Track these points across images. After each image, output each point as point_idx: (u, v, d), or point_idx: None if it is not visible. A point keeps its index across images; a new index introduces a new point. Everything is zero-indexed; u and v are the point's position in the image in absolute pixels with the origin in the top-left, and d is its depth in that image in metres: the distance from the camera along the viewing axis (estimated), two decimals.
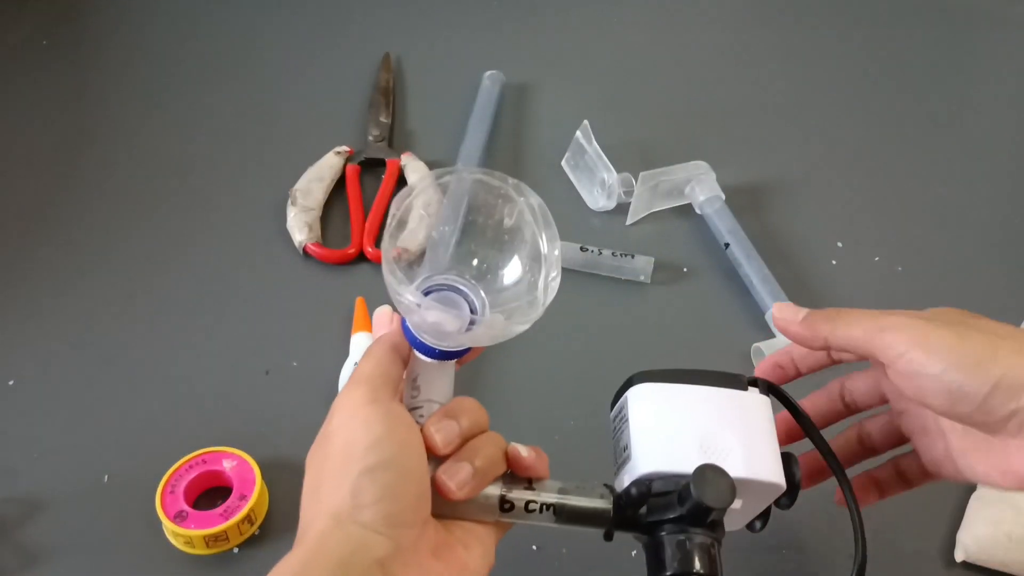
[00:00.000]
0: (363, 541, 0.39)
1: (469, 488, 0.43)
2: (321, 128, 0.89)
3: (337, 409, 0.43)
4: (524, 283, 0.45)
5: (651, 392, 0.46)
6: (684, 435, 0.44)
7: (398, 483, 0.40)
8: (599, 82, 0.98)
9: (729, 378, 0.47)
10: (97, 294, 0.75)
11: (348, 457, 0.40)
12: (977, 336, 0.42)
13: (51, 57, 0.96)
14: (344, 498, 0.39)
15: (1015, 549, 0.59)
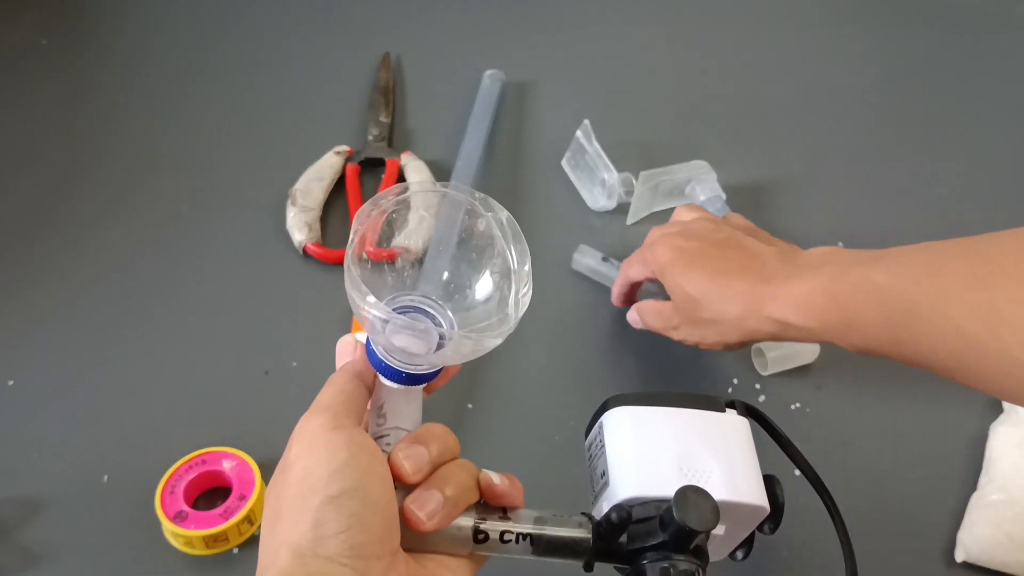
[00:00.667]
0: (331, 574, 0.36)
1: (439, 518, 0.41)
2: (321, 128, 0.89)
3: (296, 438, 0.41)
4: (494, 300, 0.44)
5: (627, 416, 0.45)
6: (663, 458, 0.43)
7: (364, 512, 0.37)
8: (599, 82, 0.98)
9: (705, 400, 0.46)
10: (97, 294, 0.75)
11: (309, 487, 0.38)
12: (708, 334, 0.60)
13: (51, 57, 0.96)
14: (305, 530, 0.37)
15: (1015, 549, 0.59)
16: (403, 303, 0.45)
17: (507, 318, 0.42)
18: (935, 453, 0.68)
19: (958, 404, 0.70)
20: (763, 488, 0.44)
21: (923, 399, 0.71)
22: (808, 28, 1.08)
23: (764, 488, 0.44)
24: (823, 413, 0.69)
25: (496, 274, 0.44)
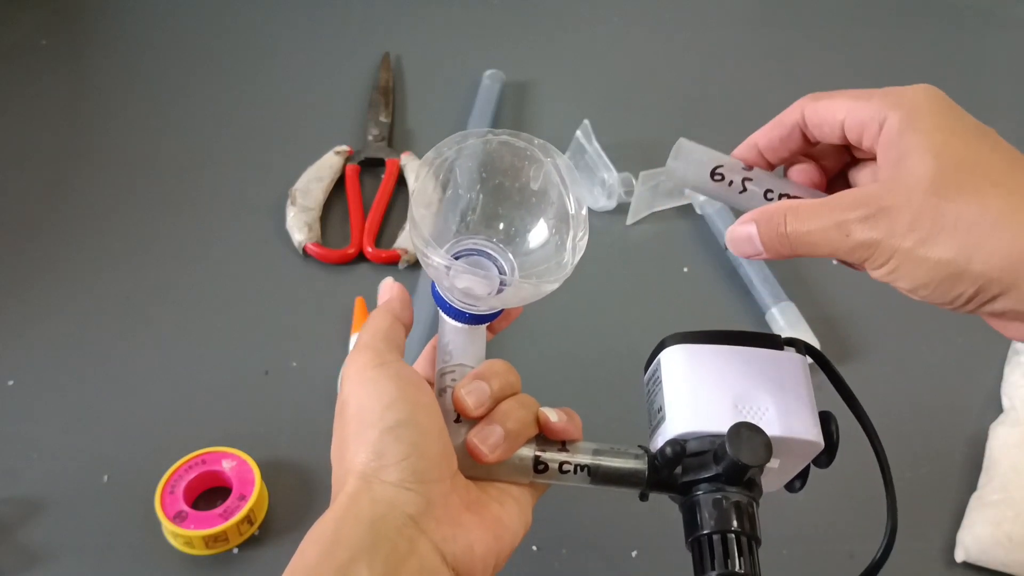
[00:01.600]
0: (393, 498, 0.39)
1: (501, 451, 0.43)
2: (321, 128, 0.89)
3: (346, 376, 0.43)
4: (552, 244, 0.45)
5: (684, 353, 0.45)
6: (718, 395, 0.44)
7: (420, 440, 0.40)
8: (599, 82, 0.98)
9: (764, 338, 0.46)
10: (97, 294, 0.75)
11: (365, 421, 0.40)
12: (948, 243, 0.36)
13: (50, 57, 0.96)
14: (369, 459, 0.39)
15: (1015, 549, 0.59)
16: (466, 246, 0.46)
17: (564, 263, 0.44)
18: (935, 453, 0.67)
19: (958, 404, 0.71)
20: (818, 425, 0.44)
21: (923, 399, 0.71)
22: (808, 28, 1.08)
23: (819, 425, 0.44)
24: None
25: (554, 219, 0.45)
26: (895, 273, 0.38)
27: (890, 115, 0.40)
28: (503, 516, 0.43)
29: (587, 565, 0.60)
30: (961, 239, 0.36)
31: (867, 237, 0.38)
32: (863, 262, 0.39)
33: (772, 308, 0.74)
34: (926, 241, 0.37)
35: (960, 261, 0.36)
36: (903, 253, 0.37)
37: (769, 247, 0.41)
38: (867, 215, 0.38)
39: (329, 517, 0.39)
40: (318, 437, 0.66)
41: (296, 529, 0.61)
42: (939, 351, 0.74)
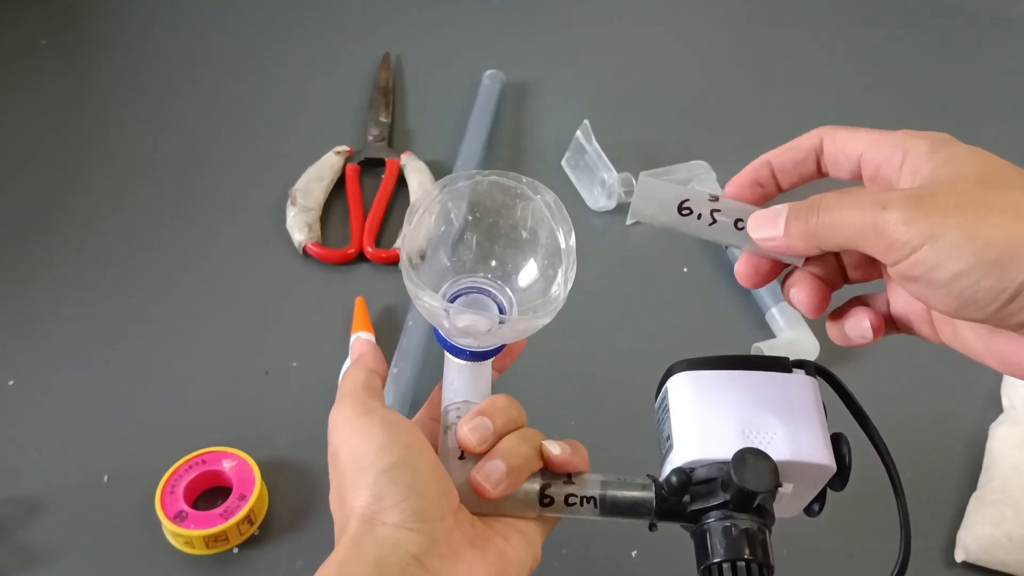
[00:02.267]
0: (396, 539, 0.39)
1: (504, 487, 0.43)
2: (321, 128, 0.89)
3: (333, 428, 0.44)
4: (545, 278, 0.46)
5: (690, 380, 0.45)
6: (725, 421, 0.43)
7: (415, 481, 0.40)
8: (599, 82, 0.98)
9: (772, 362, 0.45)
10: (97, 294, 0.75)
11: (359, 465, 0.41)
12: (1000, 224, 0.33)
13: (51, 57, 0.96)
14: (368, 500, 0.40)
15: (1015, 549, 0.59)
16: (465, 285, 0.47)
17: (556, 296, 0.45)
18: (935, 453, 0.67)
19: (958, 404, 0.71)
20: (829, 447, 0.44)
21: (923, 399, 0.71)
22: (807, 28, 1.08)
23: (830, 447, 0.44)
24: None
25: (545, 254, 0.46)
26: (934, 258, 0.34)
27: (916, 142, 0.38)
28: (507, 551, 0.43)
29: (587, 565, 0.60)
30: (1013, 223, 0.33)
31: (907, 213, 0.34)
32: (895, 246, 0.35)
33: (772, 308, 0.74)
34: (975, 221, 0.33)
35: (1015, 242, 0.33)
36: (948, 230, 0.33)
37: (791, 229, 0.39)
38: (909, 195, 0.35)
39: (334, 559, 0.39)
40: (318, 437, 0.66)
41: (296, 529, 0.61)
42: (939, 351, 0.73)
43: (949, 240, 0.33)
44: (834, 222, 0.37)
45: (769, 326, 0.74)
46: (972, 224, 0.33)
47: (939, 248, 0.34)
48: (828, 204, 0.38)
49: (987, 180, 0.35)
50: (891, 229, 0.35)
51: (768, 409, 0.44)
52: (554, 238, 0.46)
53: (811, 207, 0.38)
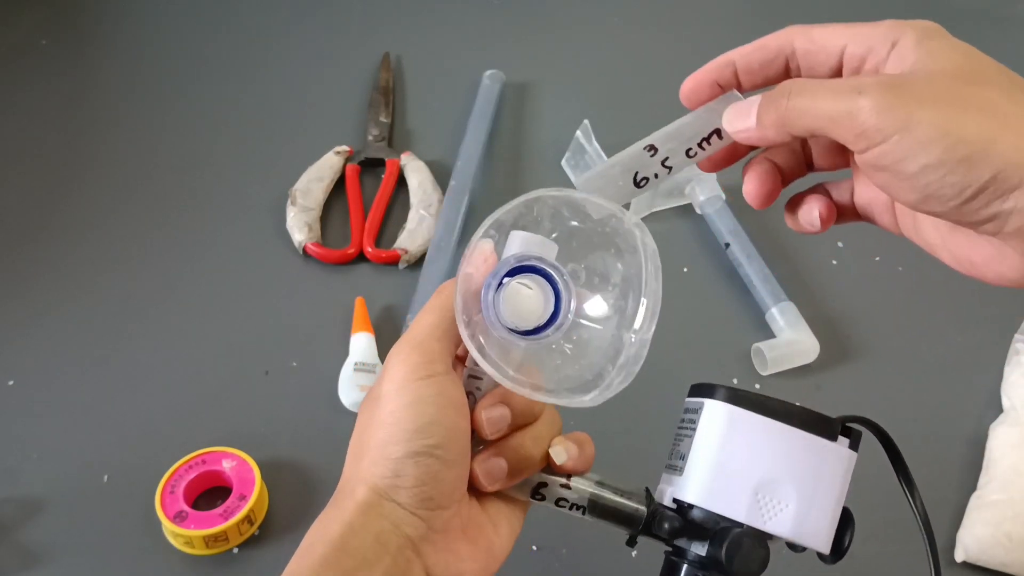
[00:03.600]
0: (399, 519, 0.39)
1: (500, 485, 0.43)
2: (321, 128, 0.89)
3: (390, 370, 0.42)
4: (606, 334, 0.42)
5: (727, 416, 0.42)
6: (743, 476, 0.42)
7: (441, 469, 0.40)
8: (599, 82, 0.98)
9: (820, 422, 0.42)
10: (97, 294, 0.75)
11: (393, 435, 0.40)
12: (974, 121, 0.33)
13: (51, 57, 0.96)
14: (384, 474, 0.40)
15: (1015, 549, 0.59)
16: (531, 261, 0.42)
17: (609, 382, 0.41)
18: (935, 453, 0.67)
19: (958, 404, 0.71)
20: (834, 528, 0.43)
21: (923, 399, 0.71)
22: None
23: (835, 527, 0.43)
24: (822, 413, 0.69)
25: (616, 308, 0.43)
26: (904, 149, 0.33)
27: (905, 31, 0.37)
28: (495, 543, 0.43)
29: (587, 565, 0.60)
30: (986, 120, 0.33)
31: (881, 100, 0.34)
32: (866, 133, 0.34)
33: (772, 308, 0.74)
34: (949, 115, 0.33)
35: (984, 140, 0.33)
36: (921, 121, 0.33)
37: (763, 118, 0.38)
38: (884, 82, 0.34)
39: (336, 518, 0.39)
40: (318, 437, 0.66)
41: (296, 529, 0.61)
42: (939, 351, 0.74)
43: (921, 132, 0.33)
44: (806, 107, 0.36)
45: (769, 326, 0.74)
46: (946, 118, 0.33)
47: (910, 139, 0.33)
48: (800, 89, 0.37)
49: (969, 75, 0.35)
50: (864, 115, 0.34)
51: (790, 477, 0.42)
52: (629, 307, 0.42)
53: (782, 93, 0.37)
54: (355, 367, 0.68)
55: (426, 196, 0.81)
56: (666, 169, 0.42)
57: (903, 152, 0.33)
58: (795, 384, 0.71)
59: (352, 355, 0.69)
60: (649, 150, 0.42)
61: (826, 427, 0.43)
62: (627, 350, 0.42)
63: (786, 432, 0.42)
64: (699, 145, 0.42)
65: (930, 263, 0.87)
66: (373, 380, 0.67)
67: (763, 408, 0.42)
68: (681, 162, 0.42)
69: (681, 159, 0.42)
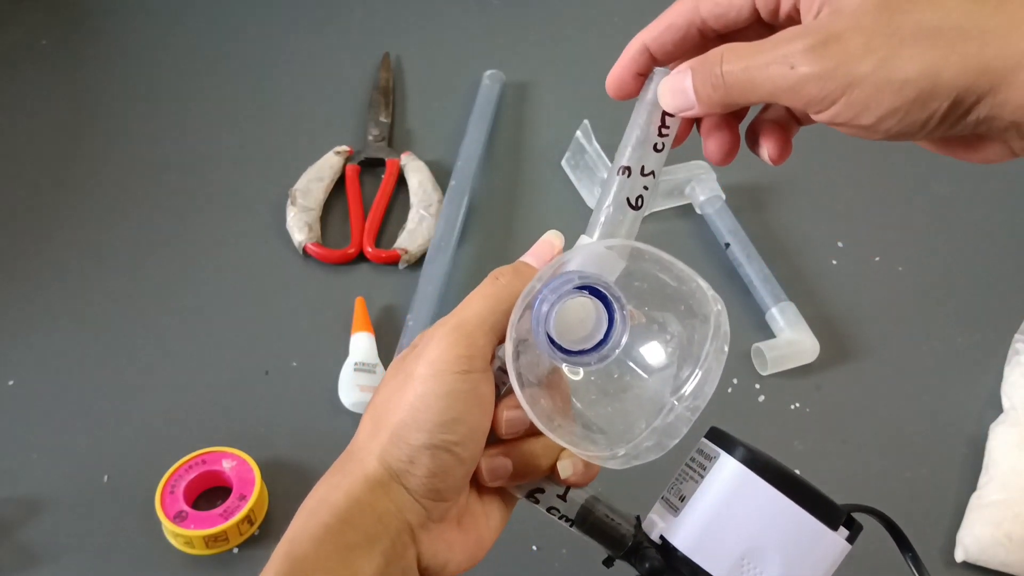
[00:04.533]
0: (403, 504, 0.40)
1: (500, 483, 0.43)
2: (321, 128, 0.89)
3: (431, 349, 0.40)
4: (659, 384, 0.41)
5: (739, 478, 0.42)
6: (735, 540, 0.42)
7: (455, 466, 0.40)
8: (599, 82, 0.97)
9: (826, 507, 0.42)
10: (97, 294, 0.75)
11: (417, 422, 0.39)
12: (913, 57, 0.32)
13: (50, 57, 0.96)
14: (400, 458, 0.40)
15: (1015, 549, 0.59)
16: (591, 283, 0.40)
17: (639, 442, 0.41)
18: (935, 453, 0.67)
19: (958, 404, 0.71)
20: None
21: (922, 399, 0.71)
22: None
23: None
24: (823, 413, 0.69)
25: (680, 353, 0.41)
26: (855, 107, 0.33)
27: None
28: (484, 534, 0.43)
29: (587, 565, 0.60)
30: (926, 51, 0.32)
31: (817, 68, 0.33)
32: (813, 102, 0.34)
33: (772, 308, 0.74)
34: (887, 60, 0.33)
35: (930, 74, 0.32)
36: (862, 79, 0.33)
37: (703, 96, 0.37)
38: (814, 43, 0.34)
39: (343, 488, 0.40)
40: (318, 437, 0.66)
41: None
42: (939, 351, 0.74)
43: (865, 88, 0.33)
44: (744, 82, 0.36)
45: (769, 326, 0.74)
46: (884, 65, 0.33)
47: (857, 98, 0.33)
48: (732, 54, 0.36)
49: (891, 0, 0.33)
50: (804, 89, 0.34)
51: (781, 553, 0.42)
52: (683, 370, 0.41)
53: (712, 62, 0.36)
54: (355, 367, 0.68)
55: (426, 196, 0.81)
56: (649, 175, 0.42)
57: (854, 110, 0.33)
58: (795, 384, 0.71)
59: (352, 355, 0.69)
60: (623, 172, 0.42)
61: (831, 514, 0.42)
62: (665, 415, 0.41)
63: (791, 510, 0.42)
64: (659, 135, 0.41)
65: (930, 263, 0.87)
66: (373, 380, 0.68)
67: (776, 479, 0.42)
68: (656, 160, 0.42)
69: (654, 158, 0.41)
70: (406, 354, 0.43)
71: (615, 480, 0.46)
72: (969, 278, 0.80)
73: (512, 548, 0.45)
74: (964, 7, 0.33)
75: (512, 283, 0.41)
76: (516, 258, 0.45)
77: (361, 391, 0.67)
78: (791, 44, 0.34)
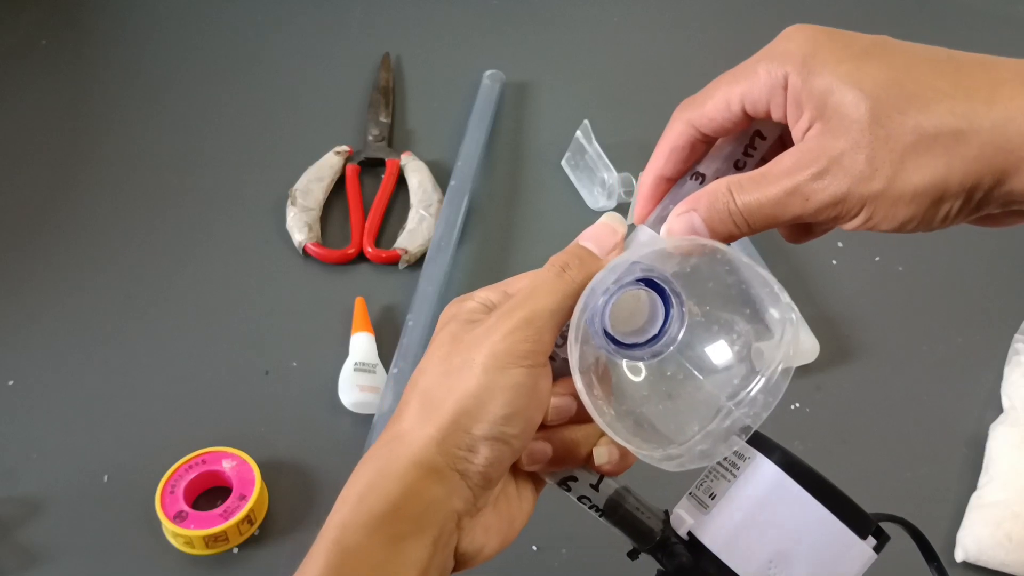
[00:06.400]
0: (455, 490, 0.39)
1: (538, 468, 0.42)
2: (321, 128, 0.89)
3: (495, 334, 0.39)
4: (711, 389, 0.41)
5: (778, 483, 0.42)
6: (767, 542, 0.41)
7: (509, 456, 0.40)
8: (599, 82, 0.98)
9: (857, 517, 0.42)
10: (97, 294, 0.75)
11: (480, 413, 0.39)
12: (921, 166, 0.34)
13: (51, 57, 0.96)
14: (459, 446, 0.39)
15: (1015, 550, 0.59)
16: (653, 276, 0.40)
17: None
18: (935, 453, 0.68)
19: (958, 404, 0.70)
20: None
21: (922, 399, 0.71)
22: None
23: None
24: (823, 413, 0.69)
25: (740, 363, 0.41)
26: (873, 219, 0.35)
27: (788, 72, 0.37)
28: (517, 519, 0.43)
29: (587, 565, 0.60)
30: (930, 161, 0.34)
31: (830, 195, 0.35)
32: (837, 221, 0.36)
33: (771, 309, 0.73)
34: (895, 177, 0.34)
35: (937, 182, 0.34)
36: (876, 197, 0.34)
37: (719, 230, 0.38)
38: (820, 171, 0.35)
39: (394, 474, 0.38)
40: (318, 437, 0.66)
41: (296, 529, 0.61)
42: (939, 351, 0.74)
43: (881, 205, 0.34)
44: (767, 216, 0.37)
45: (769, 326, 0.74)
46: (893, 183, 0.34)
47: (875, 213, 0.35)
48: (739, 190, 0.37)
49: (880, 111, 0.34)
50: (824, 214, 0.35)
51: (808, 560, 0.42)
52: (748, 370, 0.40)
53: (722, 198, 0.38)
54: (355, 367, 0.68)
55: (426, 196, 0.81)
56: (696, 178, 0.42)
57: (874, 222, 0.35)
58: (795, 384, 0.70)
59: (352, 355, 0.69)
60: (695, 178, 0.42)
61: (861, 523, 0.42)
62: (720, 420, 0.40)
63: (823, 516, 0.42)
64: (745, 153, 0.41)
65: (930, 263, 0.87)
66: (373, 380, 0.67)
67: (811, 485, 0.42)
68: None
69: (729, 173, 0.41)
70: (457, 331, 0.41)
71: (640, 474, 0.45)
72: (969, 278, 0.80)
73: (512, 548, 0.45)
74: (955, 108, 0.33)
75: (579, 278, 0.41)
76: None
77: (361, 391, 0.67)
78: (795, 176, 0.36)
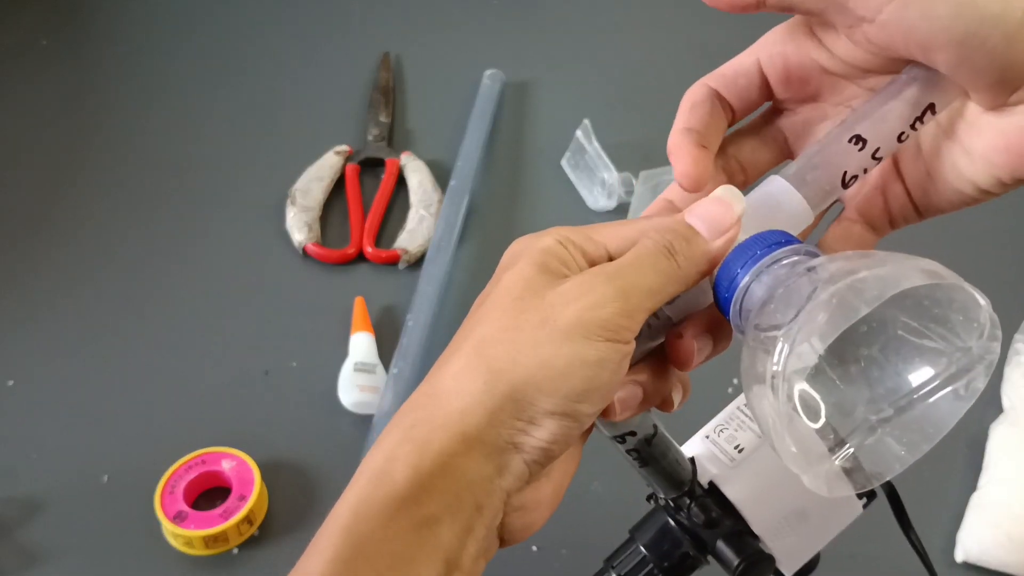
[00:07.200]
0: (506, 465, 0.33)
1: (628, 415, 0.37)
2: (321, 128, 0.89)
3: (585, 300, 0.34)
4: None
5: None
6: (787, 499, 0.41)
7: (576, 432, 0.34)
8: (599, 82, 0.98)
9: None
10: (97, 294, 0.75)
11: (554, 387, 0.33)
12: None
13: (51, 57, 0.96)
14: (516, 415, 0.33)
15: (1015, 549, 0.59)
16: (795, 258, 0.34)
17: None
18: (935, 453, 0.67)
19: None
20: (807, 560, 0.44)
21: None
22: None
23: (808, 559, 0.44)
24: None
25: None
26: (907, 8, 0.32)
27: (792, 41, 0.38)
28: (563, 483, 0.38)
29: (587, 565, 0.60)
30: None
31: None
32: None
33: None
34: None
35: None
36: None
37: None
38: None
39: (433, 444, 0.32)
40: (318, 437, 0.66)
41: (296, 529, 0.61)
42: None
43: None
44: None
45: None
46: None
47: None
48: None
49: None
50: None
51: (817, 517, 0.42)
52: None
53: None
54: (355, 367, 0.68)
55: (426, 196, 0.81)
56: (876, 161, 0.37)
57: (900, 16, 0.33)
58: None
59: (352, 355, 0.69)
60: (855, 142, 0.36)
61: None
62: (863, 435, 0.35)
63: None
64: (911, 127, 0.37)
65: None
66: (373, 380, 0.67)
67: None
68: (890, 150, 0.37)
69: (891, 146, 0.37)
70: (534, 279, 0.34)
71: None
72: (968, 278, 0.79)
73: (512, 548, 0.45)
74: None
75: (685, 265, 0.36)
76: None
77: (361, 391, 0.67)
78: None
